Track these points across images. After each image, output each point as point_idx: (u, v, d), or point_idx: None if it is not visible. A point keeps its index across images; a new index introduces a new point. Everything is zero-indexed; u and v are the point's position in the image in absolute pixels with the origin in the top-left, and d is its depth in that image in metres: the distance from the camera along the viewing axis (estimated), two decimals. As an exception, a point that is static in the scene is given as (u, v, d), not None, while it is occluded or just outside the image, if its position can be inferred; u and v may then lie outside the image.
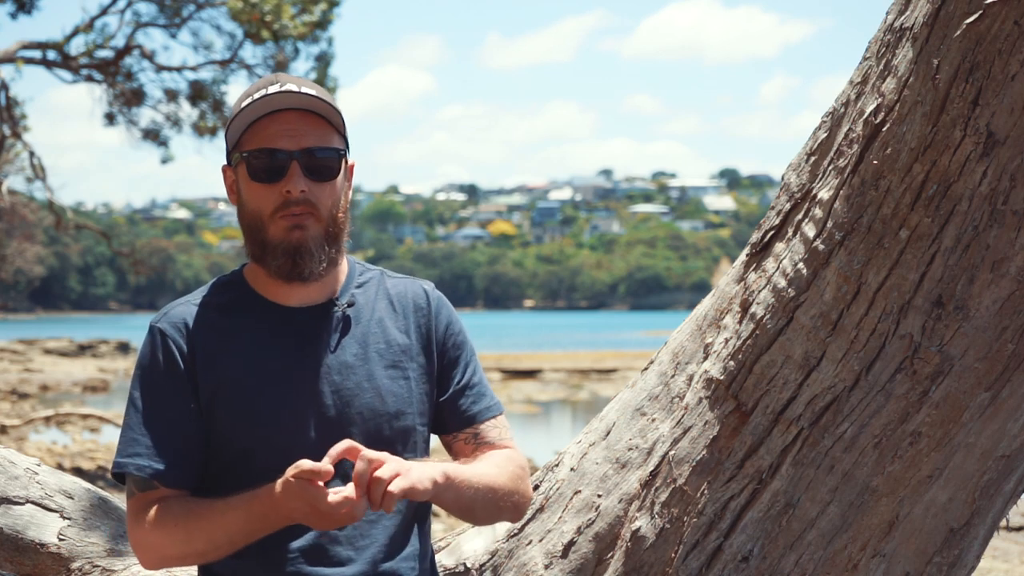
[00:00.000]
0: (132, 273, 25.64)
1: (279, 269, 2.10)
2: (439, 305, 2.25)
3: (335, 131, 2.14)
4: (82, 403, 23.62)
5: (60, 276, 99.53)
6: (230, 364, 2.11)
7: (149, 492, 2.10)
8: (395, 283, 2.26)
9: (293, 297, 2.15)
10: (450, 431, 2.23)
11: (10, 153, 18.36)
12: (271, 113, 2.10)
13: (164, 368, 2.12)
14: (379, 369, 2.15)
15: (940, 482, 2.24)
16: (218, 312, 2.16)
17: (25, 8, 17.46)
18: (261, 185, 2.09)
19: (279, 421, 2.09)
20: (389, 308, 2.21)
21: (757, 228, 2.44)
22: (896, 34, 2.13)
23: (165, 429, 2.10)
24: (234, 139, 2.13)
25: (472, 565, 2.59)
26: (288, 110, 2.10)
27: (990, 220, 2.06)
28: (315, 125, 2.11)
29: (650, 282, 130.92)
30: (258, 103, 2.09)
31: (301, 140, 2.09)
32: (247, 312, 2.16)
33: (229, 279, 2.22)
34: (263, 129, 2.10)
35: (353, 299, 2.19)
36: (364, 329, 2.17)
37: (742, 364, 2.32)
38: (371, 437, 2.11)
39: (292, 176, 2.08)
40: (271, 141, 2.09)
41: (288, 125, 2.09)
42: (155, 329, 2.15)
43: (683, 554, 2.35)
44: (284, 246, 2.08)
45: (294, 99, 2.09)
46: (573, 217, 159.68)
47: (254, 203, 2.11)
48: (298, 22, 16.34)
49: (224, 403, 2.10)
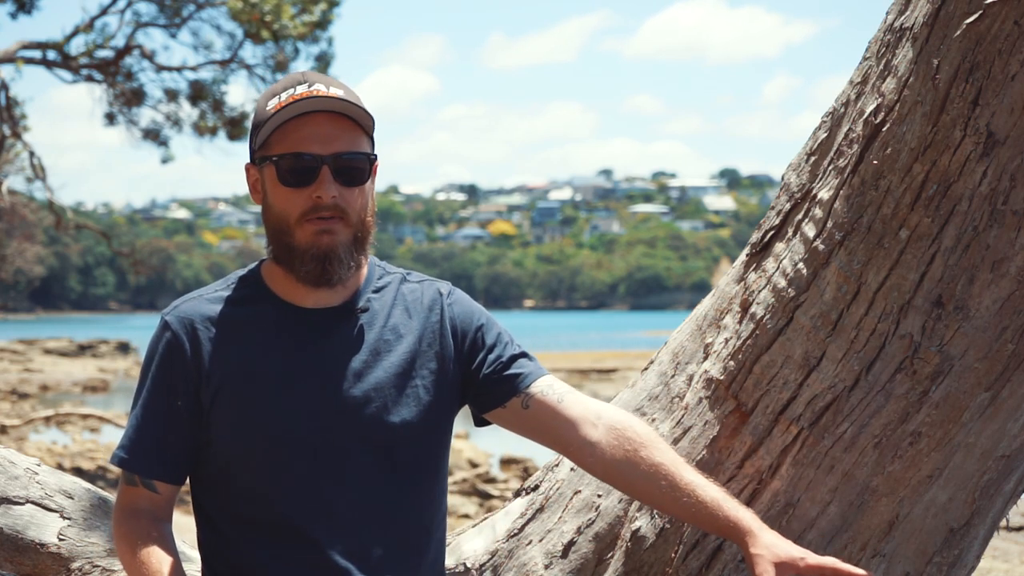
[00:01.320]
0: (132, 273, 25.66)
1: (308, 275, 2.08)
2: (453, 305, 2.23)
3: (364, 134, 2.11)
4: (82, 403, 23.63)
5: (60, 276, 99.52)
6: (236, 360, 2.10)
7: (131, 488, 2.13)
8: (412, 288, 2.23)
9: (309, 298, 2.13)
10: (511, 396, 2.17)
11: (10, 153, 18.36)
12: (300, 115, 2.07)
13: (162, 363, 2.13)
14: (388, 378, 2.12)
15: (940, 482, 2.24)
16: (230, 307, 2.14)
17: (25, 8, 17.46)
18: (290, 189, 2.07)
19: (277, 423, 2.08)
20: (404, 314, 2.19)
21: (757, 228, 2.44)
22: (896, 34, 2.13)
23: (154, 423, 2.12)
24: (262, 140, 2.09)
25: (472, 565, 2.59)
26: (318, 112, 2.07)
27: (990, 220, 2.06)
28: (345, 128, 2.08)
29: (650, 282, 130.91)
30: (288, 106, 2.06)
31: (331, 144, 2.06)
32: (259, 310, 2.14)
33: (246, 275, 2.20)
34: (293, 132, 2.06)
35: (368, 304, 2.16)
36: (376, 336, 2.15)
37: (742, 364, 2.33)
38: (374, 446, 2.10)
39: (323, 181, 2.05)
40: (301, 145, 2.06)
41: (318, 128, 2.06)
42: (164, 321, 2.16)
43: (683, 554, 2.35)
44: (314, 252, 2.06)
45: (325, 102, 2.06)
46: (573, 217, 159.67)
47: (281, 206, 2.08)
48: (298, 22, 16.34)
49: (226, 399, 2.09)
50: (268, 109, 2.09)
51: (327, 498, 2.07)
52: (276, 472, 2.08)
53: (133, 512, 2.11)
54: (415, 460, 2.14)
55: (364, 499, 2.09)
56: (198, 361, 2.10)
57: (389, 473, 2.11)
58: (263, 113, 2.10)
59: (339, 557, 2.06)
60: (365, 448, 2.09)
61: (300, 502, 2.07)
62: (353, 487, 2.09)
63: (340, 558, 2.06)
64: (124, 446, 2.14)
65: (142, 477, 2.12)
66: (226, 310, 2.14)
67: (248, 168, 2.17)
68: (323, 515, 2.07)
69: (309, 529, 2.06)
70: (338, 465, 2.08)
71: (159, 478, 2.12)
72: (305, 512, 2.07)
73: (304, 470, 2.08)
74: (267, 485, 2.08)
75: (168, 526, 2.12)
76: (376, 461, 2.10)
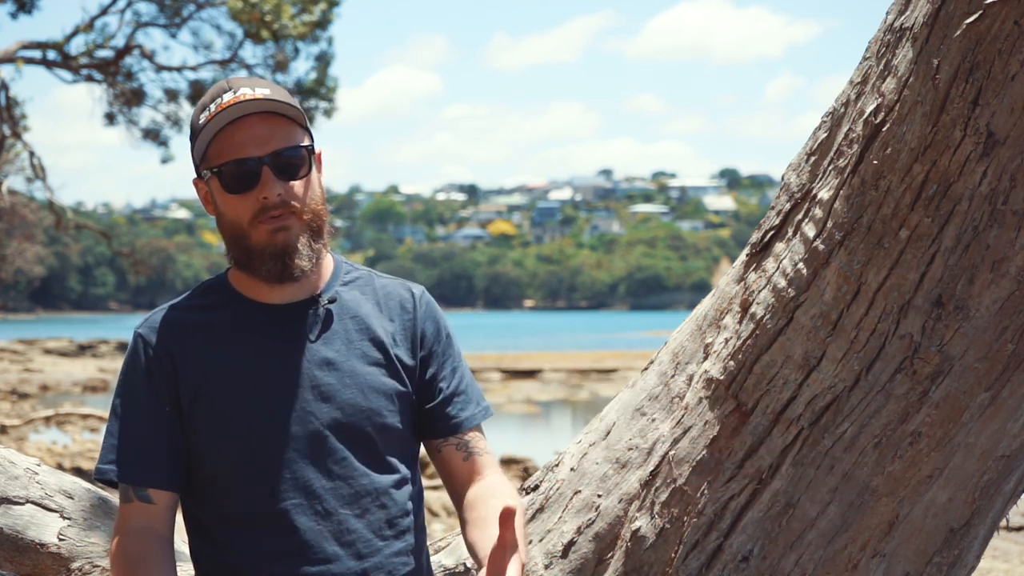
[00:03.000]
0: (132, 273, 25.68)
1: (269, 273, 2.11)
2: (426, 308, 2.25)
3: (298, 126, 2.14)
4: (82, 403, 23.61)
5: (60, 276, 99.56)
6: (210, 362, 2.13)
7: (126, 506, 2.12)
8: (384, 283, 2.26)
9: (276, 295, 2.17)
10: (437, 437, 2.23)
11: (10, 153, 18.36)
12: (232, 122, 2.09)
13: (142, 374, 2.15)
14: (362, 366, 2.15)
15: (940, 482, 2.24)
16: (200, 314, 2.18)
17: (25, 8, 17.47)
18: (236, 196, 2.10)
19: (256, 418, 2.10)
20: (375, 308, 2.22)
21: (757, 228, 2.44)
22: (896, 34, 2.13)
23: (142, 435, 2.13)
24: (200, 153, 2.13)
25: (472, 565, 2.59)
26: (248, 116, 2.10)
27: (990, 220, 2.06)
28: (278, 126, 2.11)
29: (650, 282, 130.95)
30: (218, 115, 2.09)
31: (267, 144, 2.09)
32: (228, 311, 2.18)
33: (213, 282, 2.25)
34: (228, 139, 2.10)
35: (336, 296, 2.19)
36: (347, 326, 2.18)
37: (742, 364, 2.33)
38: (351, 433, 2.12)
39: (266, 182, 2.08)
40: (238, 151, 2.09)
41: (252, 131, 2.09)
42: (136, 335, 2.19)
43: (683, 554, 2.35)
44: (271, 250, 2.10)
45: (253, 104, 2.09)
46: (573, 217, 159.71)
47: (232, 213, 2.11)
48: (298, 22, 16.35)
49: (205, 401, 2.11)
50: (200, 122, 2.13)
51: (309, 488, 2.10)
52: (258, 467, 2.10)
53: (128, 532, 2.09)
54: (391, 445, 2.17)
55: (345, 486, 2.12)
56: (174, 367, 2.13)
57: (367, 460, 2.14)
58: (197, 127, 2.14)
59: (326, 545, 2.09)
60: (343, 436, 2.12)
61: (283, 495, 2.10)
62: (334, 475, 2.12)
63: (327, 546, 2.09)
64: (111, 460, 2.13)
65: (135, 488, 2.11)
66: (197, 316, 2.18)
67: (196, 183, 2.20)
68: (306, 505, 2.10)
69: (294, 520, 2.09)
70: (318, 455, 2.11)
71: (152, 485, 2.11)
72: (289, 504, 2.09)
73: (285, 463, 2.10)
74: (251, 479, 2.10)
75: (167, 543, 2.10)
76: (354, 448, 2.13)
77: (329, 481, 2.11)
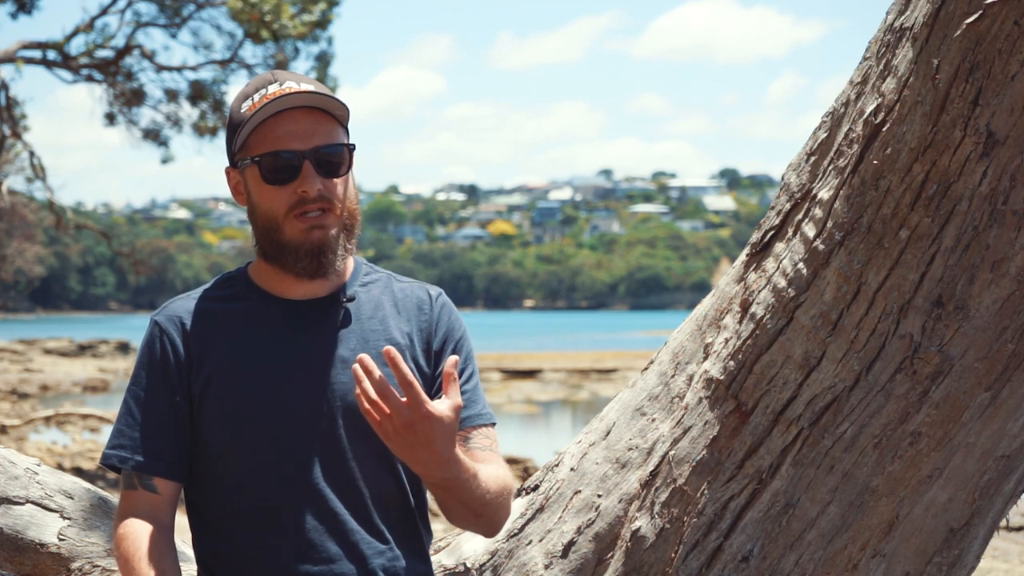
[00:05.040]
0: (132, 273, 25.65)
1: (304, 269, 2.12)
2: (442, 309, 2.25)
3: (340, 125, 2.15)
4: (82, 403, 23.62)
5: (60, 276, 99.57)
6: (225, 351, 2.13)
7: (130, 493, 2.13)
8: (402, 286, 2.26)
9: (296, 291, 2.17)
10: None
11: (10, 153, 18.36)
12: (276, 114, 2.10)
13: (156, 361, 2.16)
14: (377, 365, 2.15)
15: (940, 482, 2.24)
16: (218, 304, 2.19)
17: (25, 8, 17.46)
18: (274, 187, 2.10)
19: (267, 410, 2.10)
20: (393, 308, 2.22)
21: (757, 228, 2.44)
22: (896, 34, 2.13)
23: (152, 421, 2.14)
24: (241, 142, 2.13)
25: (472, 565, 2.59)
26: (293, 109, 2.10)
27: (990, 220, 2.06)
28: (321, 122, 2.12)
29: (650, 282, 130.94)
30: (264, 106, 2.09)
31: (310, 139, 2.10)
32: (246, 304, 2.18)
33: (233, 274, 2.25)
34: (270, 131, 2.10)
35: (355, 295, 2.20)
36: (364, 325, 2.18)
37: (742, 364, 2.32)
38: (360, 433, 2.11)
39: (306, 176, 2.09)
40: (281, 143, 2.09)
41: (296, 125, 2.09)
42: (152, 323, 2.20)
43: (683, 554, 2.35)
44: (307, 247, 2.10)
45: (299, 98, 2.09)
46: (573, 217, 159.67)
47: (267, 204, 2.11)
48: (298, 22, 16.34)
49: (216, 390, 2.12)
50: (243, 111, 2.12)
51: (315, 487, 2.10)
52: (267, 460, 2.10)
53: (132, 515, 2.11)
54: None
55: (351, 487, 2.12)
56: (188, 354, 2.14)
57: (374, 460, 2.14)
58: (238, 116, 2.14)
59: (329, 544, 2.09)
60: (354, 434, 2.12)
61: (288, 492, 2.10)
62: (340, 474, 2.11)
63: (330, 545, 2.09)
64: (120, 445, 2.14)
65: (140, 476, 2.12)
66: (214, 306, 2.18)
67: (228, 172, 2.20)
68: (311, 504, 2.10)
69: (301, 516, 2.09)
70: (325, 453, 2.11)
71: (158, 474, 2.12)
72: (293, 502, 2.09)
73: (291, 460, 2.10)
74: (258, 473, 2.10)
75: (168, 530, 2.12)
76: (362, 447, 2.13)
77: (335, 480, 2.11)
